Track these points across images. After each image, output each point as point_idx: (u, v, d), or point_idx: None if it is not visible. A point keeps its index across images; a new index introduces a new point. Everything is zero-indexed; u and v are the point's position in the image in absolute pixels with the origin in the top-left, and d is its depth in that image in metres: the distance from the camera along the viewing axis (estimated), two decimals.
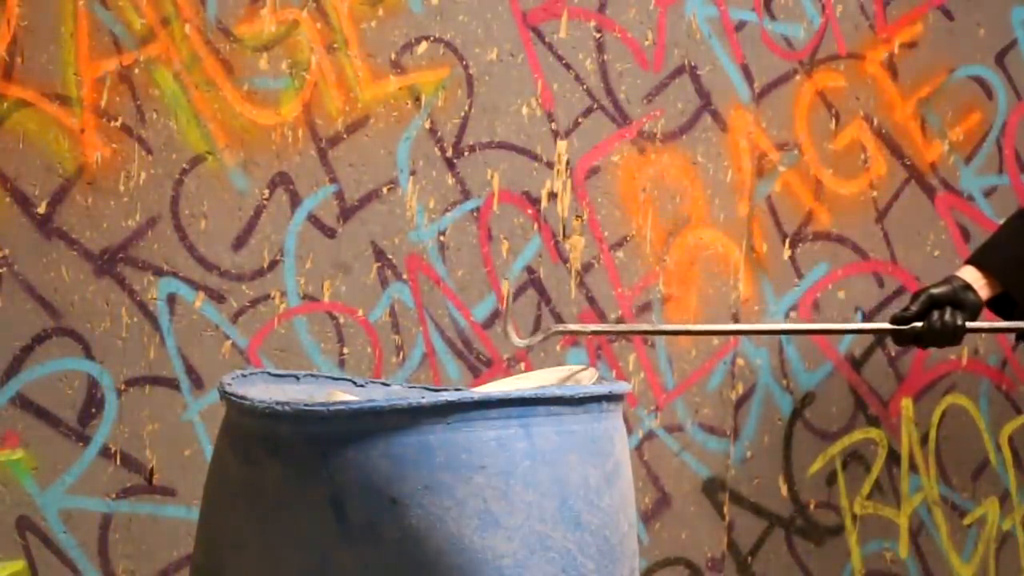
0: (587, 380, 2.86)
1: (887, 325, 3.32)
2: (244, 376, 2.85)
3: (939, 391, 4.50)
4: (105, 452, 3.69)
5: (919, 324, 3.26)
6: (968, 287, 3.35)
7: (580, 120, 4.06)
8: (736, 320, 4.25)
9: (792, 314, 4.31)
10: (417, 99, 3.90)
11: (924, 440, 4.49)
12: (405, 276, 3.91)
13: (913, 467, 4.48)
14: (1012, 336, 3.38)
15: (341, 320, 3.87)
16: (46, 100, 3.59)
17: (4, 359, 3.60)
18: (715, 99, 4.20)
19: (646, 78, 4.12)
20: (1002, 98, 4.51)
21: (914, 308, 3.29)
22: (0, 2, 3.54)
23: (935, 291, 3.31)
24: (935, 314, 3.27)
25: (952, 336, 3.26)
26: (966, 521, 4.55)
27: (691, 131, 4.17)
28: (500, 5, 3.96)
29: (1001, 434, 4.59)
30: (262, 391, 2.81)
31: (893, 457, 4.45)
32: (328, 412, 2.49)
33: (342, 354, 3.86)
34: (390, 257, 3.90)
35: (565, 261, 4.07)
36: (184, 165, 3.72)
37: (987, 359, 4.55)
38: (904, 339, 3.31)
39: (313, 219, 3.84)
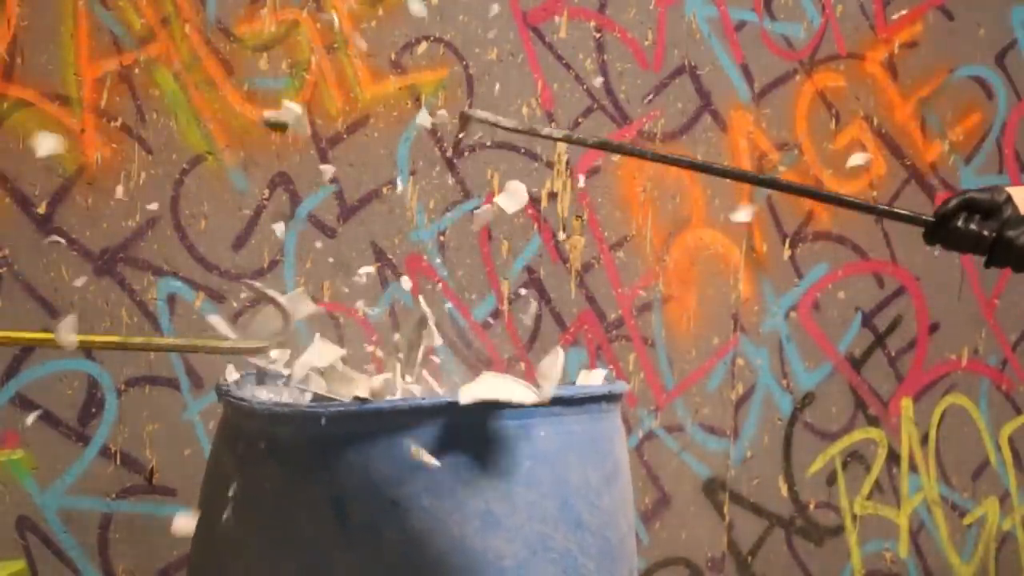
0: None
1: (912, 214, 3.06)
2: (240, 377, 2.84)
3: (939, 391, 4.50)
4: (105, 452, 3.69)
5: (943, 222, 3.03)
6: (1010, 200, 3.14)
7: (580, 120, 4.06)
8: (736, 321, 4.25)
9: (792, 314, 4.31)
10: (417, 99, 3.90)
11: (924, 440, 4.49)
12: (405, 276, 3.91)
13: (913, 467, 4.48)
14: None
15: (341, 320, 3.86)
16: (46, 100, 3.59)
17: (4, 359, 3.60)
18: (715, 99, 4.20)
19: (646, 78, 4.12)
20: (1002, 98, 4.51)
21: (951, 204, 3.08)
22: (0, 2, 3.53)
23: (975, 194, 3.09)
24: (963, 216, 3.06)
25: (975, 243, 3.04)
26: (966, 521, 4.55)
27: (691, 131, 4.17)
28: (500, 5, 3.96)
29: (1001, 434, 4.59)
30: (257, 392, 2.80)
31: (893, 457, 4.46)
32: (329, 413, 2.49)
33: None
34: (390, 257, 3.90)
35: (565, 261, 4.07)
36: (184, 165, 3.72)
37: (987, 359, 4.55)
38: (933, 237, 3.09)
39: (313, 219, 3.84)
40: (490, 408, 2.45)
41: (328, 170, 3.80)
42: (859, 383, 4.41)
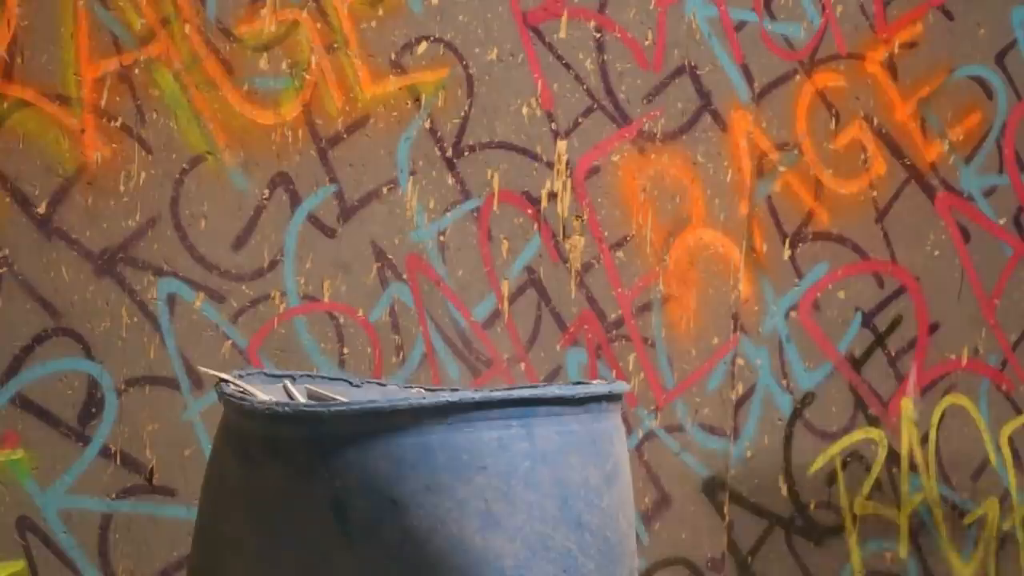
0: None
1: None
2: (240, 376, 2.85)
3: (939, 391, 4.50)
4: (105, 452, 3.69)
5: None
6: None
7: (580, 120, 4.06)
8: (736, 321, 4.25)
9: (792, 314, 4.31)
10: (417, 99, 3.90)
11: (924, 440, 4.49)
12: (405, 276, 3.91)
13: (913, 467, 4.48)
14: None
15: (341, 320, 3.87)
16: (46, 100, 3.59)
17: (4, 359, 3.60)
18: (715, 99, 4.20)
19: (646, 78, 4.12)
20: (1002, 98, 4.51)
21: None
22: (0, 2, 3.53)
23: None
24: None
25: None
26: (966, 521, 4.55)
27: (691, 131, 4.17)
28: (500, 5, 3.96)
29: (1001, 434, 4.59)
30: (258, 391, 2.81)
31: (893, 457, 4.46)
32: (329, 413, 2.49)
33: (342, 354, 3.86)
34: (390, 257, 3.90)
35: (565, 261, 4.07)
36: (184, 165, 3.72)
37: (987, 359, 4.55)
38: None
39: (313, 219, 3.84)
40: (490, 407, 2.46)
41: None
42: (859, 383, 4.41)
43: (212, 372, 2.91)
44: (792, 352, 4.32)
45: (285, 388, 2.85)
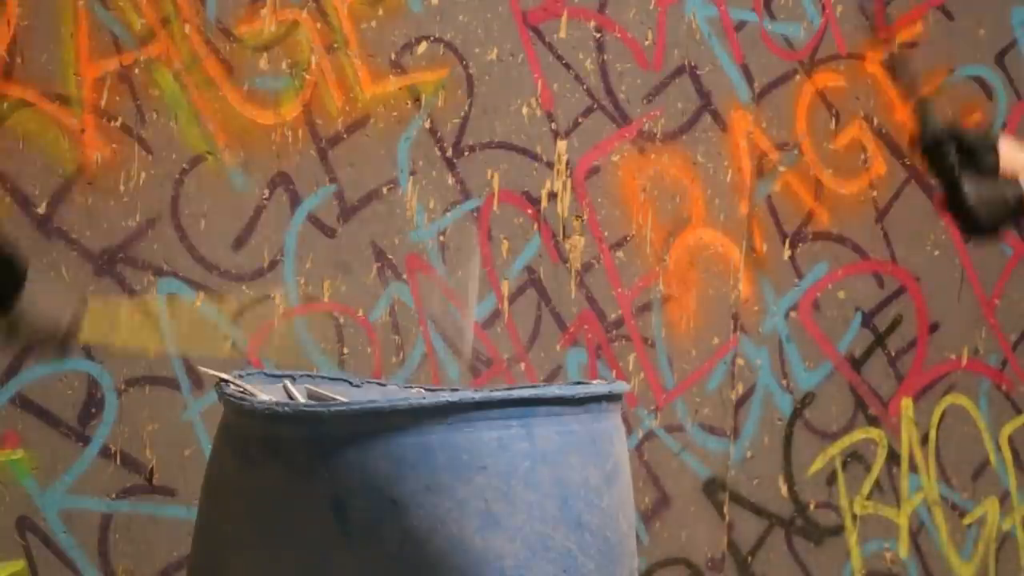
0: None
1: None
2: (240, 376, 2.84)
3: (939, 391, 4.50)
4: (105, 452, 3.68)
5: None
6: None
7: (580, 120, 4.06)
8: (736, 321, 4.25)
9: (792, 314, 4.31)
10: (417, 99, 3.90)
11: (924, 440, 4.49)
12: (405, 276, 3.91)
13: (913, 467, 4.48)
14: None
15: (341, 320, 3.86)
16: (46, 100, 3.59)
17: (4, 359, 3.60)
18: (715, 99, 4.20)
19: (646, 78, 4.12)
20: (1002, 98, 4.51)
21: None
22: (0, 2, 3.53)
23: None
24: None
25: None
26: (966, 521, 4.55)
27: (691, 131, 4.17)
28: (500, 5, 3.96)
29: (1001, 434, 4.59)
30: (258, 391, 2.80)
31: (893, 457, 4.45)
32: (328, 413, 2.49)
33: (342, 354, 3.86)
34: (390, 257, 3.90)
35: (565, 261, 4.07)
36: (184, 165, 3.71)
37: (987, 359, 4.55)
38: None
39: (313, 219, 3.83)
40: (490, 407, 2.46)
41: None
42: (859, 383, 4.41)
43: (212, 372, 2.91)
44: (792, 352, 4.32)
45: (285, 388, 2.85)
